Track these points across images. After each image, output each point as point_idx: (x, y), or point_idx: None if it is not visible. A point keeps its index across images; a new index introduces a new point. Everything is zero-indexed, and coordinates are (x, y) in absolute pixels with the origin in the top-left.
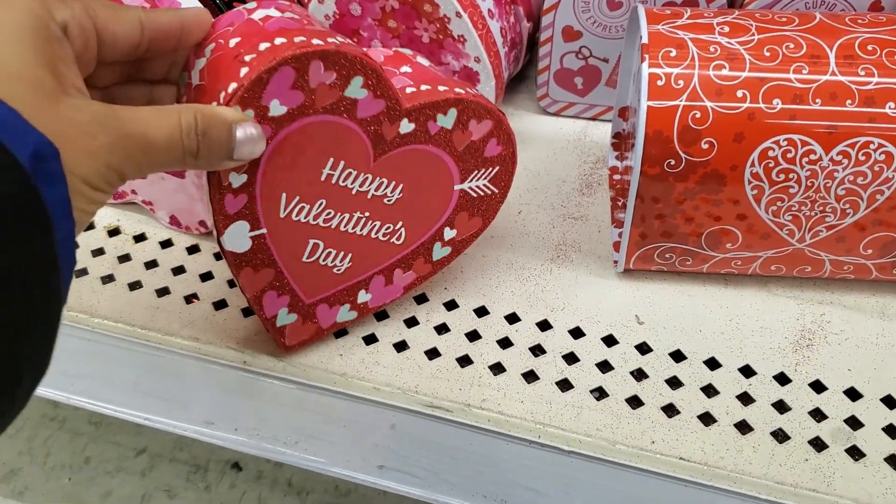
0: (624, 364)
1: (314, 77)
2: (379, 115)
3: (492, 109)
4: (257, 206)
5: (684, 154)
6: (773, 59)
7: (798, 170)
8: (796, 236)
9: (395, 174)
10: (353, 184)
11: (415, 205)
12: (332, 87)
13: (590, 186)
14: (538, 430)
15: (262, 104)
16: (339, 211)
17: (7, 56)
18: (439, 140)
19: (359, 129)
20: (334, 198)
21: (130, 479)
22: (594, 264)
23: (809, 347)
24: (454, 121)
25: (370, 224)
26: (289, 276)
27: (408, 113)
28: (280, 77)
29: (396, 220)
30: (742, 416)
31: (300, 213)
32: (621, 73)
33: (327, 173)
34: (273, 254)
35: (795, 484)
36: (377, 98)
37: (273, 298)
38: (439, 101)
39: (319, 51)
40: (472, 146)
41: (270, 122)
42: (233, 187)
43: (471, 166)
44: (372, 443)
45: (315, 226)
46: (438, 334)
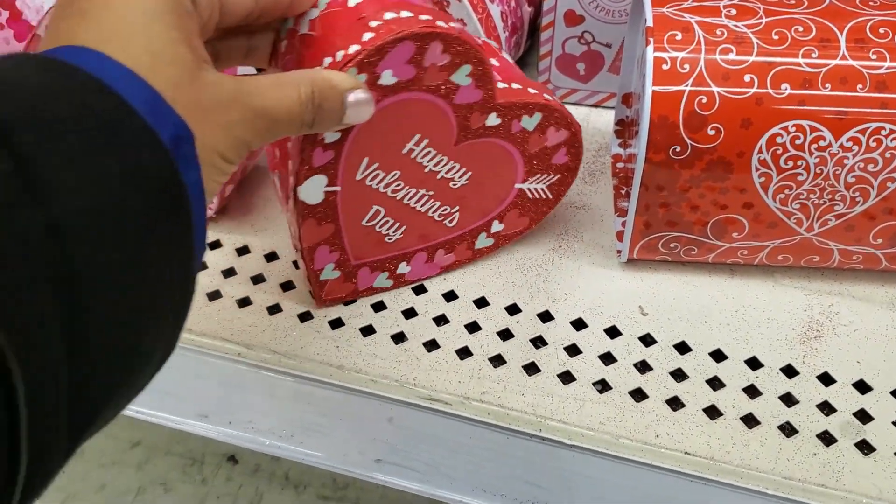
0: (627, 356)
1: (430, 56)
2: (473, 105)
3: (572, 122)
4: (340, 164)
5: (690, 140)
6: (782, 42)
7: (807, 157)
8: (804, 225)
9: (467, 161)
10: (429, 162)
11: (475, 193)
12: (442, 70)
13: (592, 175)
14: (539, 424)
15: (376, 71)
16: (409, 185)
17: (149, 35)
18: (517, 138)
19: (451, 114)
20: (408, 171)
21: (125, 472)
22: (597, 254)
23: (817, 339)
24: (536, 124)
25: (431, 203)
26: (345, 234)
27: (499, 108)
28: (401, 49)
29: (455, 204)
30: (749, 410)
31: (374, 178)
32: (625, 58)
33: (410, 147)
34: (338, 211)
35: (804, 479)
36: (477, 88)
37: (325, 253)
38: (529, 104)
39: (443, 33)
40: (543, 151)
41: (377, 89)
42: (325, 142)
43: (536, 169)
44: (369, 436)
45: (383, 194)
46: (437, 325)
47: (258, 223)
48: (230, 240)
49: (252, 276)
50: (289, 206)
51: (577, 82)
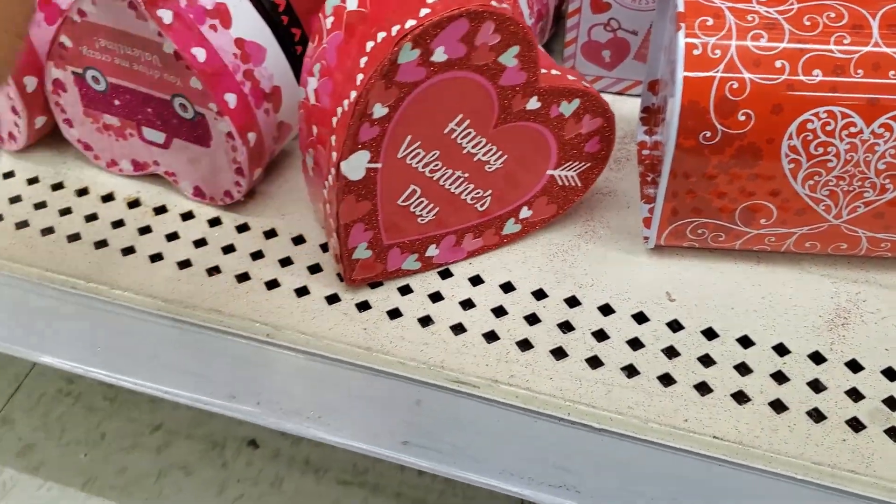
0: (655, 341)
1: (482, 35)
2: (517, 87)
3: (607, 110)
4: (384, 140)
5: (720, 126)
6: (814, 28)
7: (837, 143)
8: (833, 212)
9: (504, 144)
10: (468, 144)
11: (508, 177)
12: (491, 50)
13: (618, 162)
14: (568, 408)
15: (429, 47)
16: (446, 165)
17: None
18: (554, 124)
19: (495, 95)
20: (447, 152)
21: (146, 456)
22: (623, 240)
23: (845, 326)
24: (574, 110)
25: (465, 185)
26: (380, 213)
27: (540, 92)
28: (455, 27)
29: (487, 188)
30: (776, 395)
31: (414, 157)
32: (652, 45)
33: (451, 127)
34: (377, 189)
35: (833, 464)
36: (522, 70)
37: (360, 231)
38: (569, 89)
39: (497, 13)
40: (577, 138)
41: (429, 66)
42: (373, 117)
43: (569, 156)
44: (397, 418)
45: (421, 173)
46: (464, 309)
47: (284, 207)
48: (258, 223)
49: (280, 258)
50: (328, 183)
51: (603, 69)
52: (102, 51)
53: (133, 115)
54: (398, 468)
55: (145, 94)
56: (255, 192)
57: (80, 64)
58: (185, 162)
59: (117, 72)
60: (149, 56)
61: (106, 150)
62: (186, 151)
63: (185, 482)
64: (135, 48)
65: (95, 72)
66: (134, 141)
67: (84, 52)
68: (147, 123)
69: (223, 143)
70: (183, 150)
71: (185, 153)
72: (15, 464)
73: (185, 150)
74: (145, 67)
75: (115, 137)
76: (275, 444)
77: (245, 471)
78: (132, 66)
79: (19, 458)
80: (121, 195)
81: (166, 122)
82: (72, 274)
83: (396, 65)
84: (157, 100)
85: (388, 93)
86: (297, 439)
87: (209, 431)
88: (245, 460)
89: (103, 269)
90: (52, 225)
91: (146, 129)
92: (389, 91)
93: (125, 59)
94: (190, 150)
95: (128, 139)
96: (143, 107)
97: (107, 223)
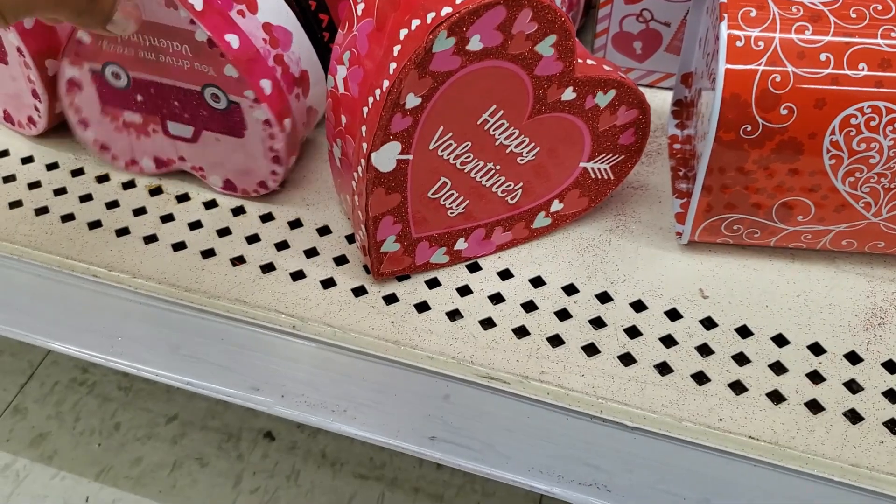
0: (688, 339)
1: (519, 24)
2: (552, 77)
3: (643, 101)
4: (416, 131)
5: (762, 120)
6: (860, 21)
7: (881, 139)
8: (872, 210)
9: (537, 136)
10: (500, 135)
11: (540, 170)
12: (528, 39)
13: (649, 155)
14: (600, 405)
15: (465, 35)
16: (477, 157)
17: None
18: (588, 115)
19: (530, 85)
20: (479, 143)
21: (161, 447)
22: (655, 235)
23: (881, 326)
24: (609, 101)
25: (496, 178)
26: (410, 205)
27: (576, 82)
28: (492, 14)
29: (518, 181)
30: (812, 396)
31: (446, 149)
32: (687, 36)
33: (484, 118)
34: (407, 181)
35: (871, 467)
36: (558, 60)
37: (389, 224)
38: (605, 79)
39: (534, 1)
40: (611, 129)
41: (464, 55)
42: (405, 108)
43: (602, 148)
44: (424, 413)
45: (452, 165)
46: (493, 304)
47: (309, 197)
48: (282, 213)
49: (305, 249)
50: (357, 174)
51: (633, 61)
52: (125, 44)
53: (157, 110)
54: (416, 463)
55: (172, 87)
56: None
57: (99, 59)
58: (215, 155)
59: (141, 65)
60: (178, 46)
61: (125, 150)
62: (217, 144)
63: (199, 473)
64: (162, 39)
65: (116, 67)
66: (158, 137)
67: (104, 48)
68: (173, 118)
69: (259, 132)
70: (213, 142)
71: (216, 146)
72: (28, 453)
73: (216, 143)
74: (174, 58)
75: (137, 135)
76: (291, 436)
77: (261, 463)
78: (158, 59)
79: (32, 447)
80: (142, 182)
81: (195, 115)
82: (93, 262)
83: (431, 53)
84: (186, 91)
85: (422, 82)
86: (314, 432)
87: (225, 423)
88: (261, 453)
89: (125, 257)
90: (72, 212)
91: (172, 124)
92: (423, 81)
93: (150, 50)
94: (221, 143)
95: (150, 136)
96: (170, 100)
97: (128, 211)
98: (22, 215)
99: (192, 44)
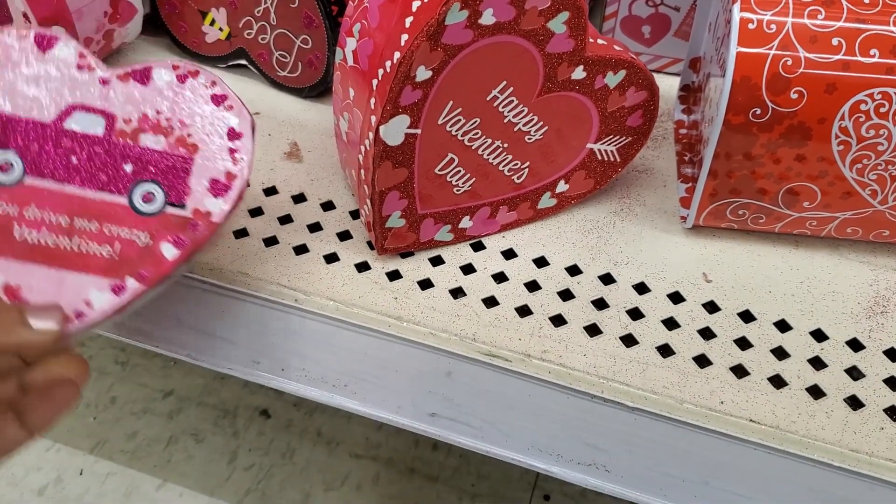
0: (691, 322)
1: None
2: (563, 55)
3: (652, 82)
4: (425, 105)
5: (771, 103)
6: (873, 6)
7: (890, 126)
8: (878, 197)
9: (546, 115)
10: (509, 112)
11: (547, 150)
12: (540, 15)
13: (655, 140)
14: (602, 385)
15: (478, 9)
16: (486, 134)
17: None
18: (598, 96)
19: (541, 62)
20: (487, 120)
21: (157, 421)
22: (659, 219)
23: (884, 314)
24: (619, 82)
25: (503, 156)
26: (416, 181)
27: (587, 61)
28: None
29: (525, 160)
30: (814, 381)
31: (454, 124)
32: (697, 21)
33: (494, 94)
34: (414, 156)
35: (871, 452)
36: (570, 38)
37: (395, 199)
38: (616, 60)
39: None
40: (620, 111)
41: (476, 28)
42: (416, 80)
43: (610, 129)
44: (425, 389)
45: (460, 141)
46: (496, 283)
47: (314, 172)
48: (286, 187)
49: (308, 224)
50: (364, 148)
51: (641, 46)
52: None
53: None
54: (412, 443)
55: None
56: (284, 155)
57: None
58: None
59: None
60: None
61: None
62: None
63: (195, 449)
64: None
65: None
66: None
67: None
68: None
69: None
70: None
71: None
72: None
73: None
74: None
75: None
76: (287, 414)
77: (256, 440)
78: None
79: None
80: None
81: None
82: None
83: (444, 26)
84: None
85: (433, 55)
86: (310, 411)
87: (221, 399)
88: (257, 430)
89: None
90: None
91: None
92: (434, 53)
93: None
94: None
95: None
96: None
97: None
98: None
99: None
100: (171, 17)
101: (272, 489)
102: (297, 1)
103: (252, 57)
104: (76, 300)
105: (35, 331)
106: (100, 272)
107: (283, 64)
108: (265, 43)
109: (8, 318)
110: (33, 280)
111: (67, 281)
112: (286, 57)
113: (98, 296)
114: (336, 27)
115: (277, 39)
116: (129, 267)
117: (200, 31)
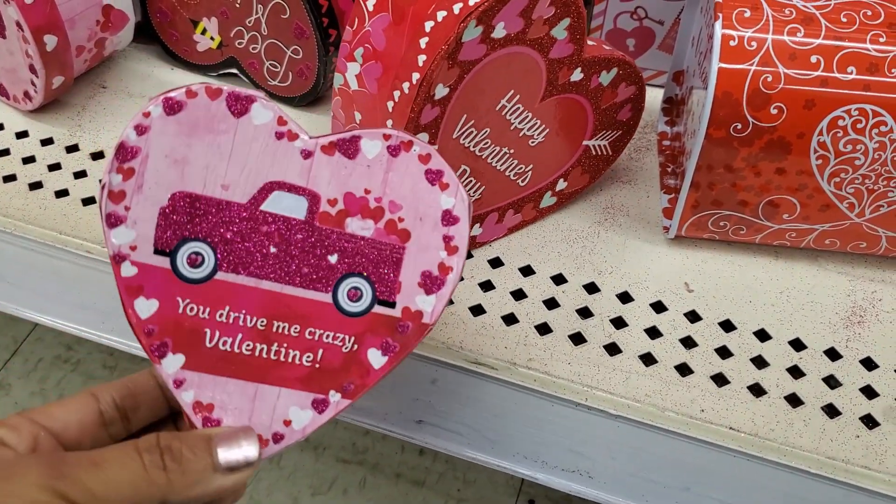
0: (673, 331)
1: (539, 8)
2: (564, 59)
3: (640, 77)
4: (442, 121)
5: (752, 118)
6: (850, 25)
7: (867, 141)
8: (856, 210)
9: (547, 118)
10: (515, 119)
11: (548, 151)
12: (545, 23)
13: (638, 151)
14: (585, 393)
15: (491, 23)
16: (495, 143)
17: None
18: (592, 94)
19: (544, 68)
20: (496, 129)
21: None
22: (642, 229)
23: (861, 324)
24: (611, 79)
25: (509, 161)
26: None
27: (583, 63)
28: (517, 1)
29: (529, 162)
30: (792, 389)
31: (467, 137)
32: (680, 35)
33: (503, 104)
34: None
35: (847, 460)
36: (570, 42)
37: None
38: (609, 58)
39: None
40: (612, 107)
41: (488, 42)
42: (435, 98)
43: (603, 125)
44: (411, 397)
45: (472, 153)
46: (483, 291)
47: None
48: None
49: None
50: None
51: None
52: None
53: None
54: (398, 448)
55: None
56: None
57: None
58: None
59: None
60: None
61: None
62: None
63: None
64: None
65: None
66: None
67: None
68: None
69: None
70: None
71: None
72: None
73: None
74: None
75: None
76: None
77: None
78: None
79: None
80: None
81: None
82: (86, 238)
83: (461, 43)
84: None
85: (451, 72)
86: None
87: None
88: None
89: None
90: (66, 187)
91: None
92: (451, 71)
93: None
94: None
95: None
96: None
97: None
98: (16, 189)
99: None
100: (162, 25)
101: (260, 494)
102: (287, 12)
103: (243, 66)
104: (274, 419)
105: (229, 477)
106: (299, 385)
107: (273, 73)
108: (256, 52)
109: (198, 460)
110: (227, 396)
111: (264, 395)
112: (277, 67)
113: (298, 414)
114: (326, 38)
115: (268, 49)
116: (332, 378)
117: (192, 39)
